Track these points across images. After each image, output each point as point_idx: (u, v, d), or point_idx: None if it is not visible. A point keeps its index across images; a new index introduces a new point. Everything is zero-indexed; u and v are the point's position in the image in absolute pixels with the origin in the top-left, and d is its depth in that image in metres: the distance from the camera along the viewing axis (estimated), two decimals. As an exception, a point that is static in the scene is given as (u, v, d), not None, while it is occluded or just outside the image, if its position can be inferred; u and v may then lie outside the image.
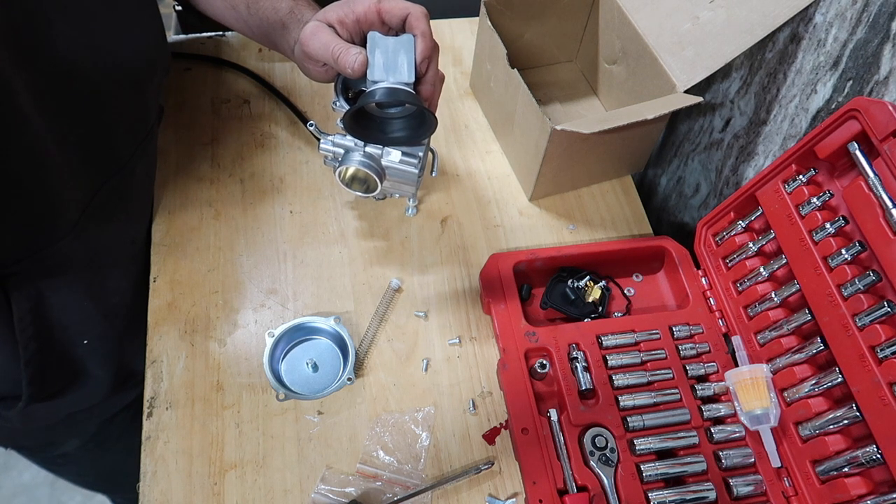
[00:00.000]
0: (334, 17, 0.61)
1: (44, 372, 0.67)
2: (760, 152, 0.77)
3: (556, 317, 0.79)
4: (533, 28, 0.95)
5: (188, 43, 0.98)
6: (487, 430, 0.70)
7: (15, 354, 0.64)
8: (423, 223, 0.85)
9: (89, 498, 1.58)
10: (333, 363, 0.72)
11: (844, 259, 0.59)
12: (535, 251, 0.79)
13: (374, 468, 0.67)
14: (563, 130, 0.73)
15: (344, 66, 0.60)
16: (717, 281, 0.76)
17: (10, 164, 0.52)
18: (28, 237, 0.59)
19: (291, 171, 0.87)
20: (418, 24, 0.60)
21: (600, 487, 0.65)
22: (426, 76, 0.61)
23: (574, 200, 0.90)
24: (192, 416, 0.68)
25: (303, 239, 0.82)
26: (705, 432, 0.69)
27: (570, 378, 0.70)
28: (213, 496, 0.64)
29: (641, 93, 0.86)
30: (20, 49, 0.49)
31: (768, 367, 0.68)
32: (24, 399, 0.67)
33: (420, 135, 0.64)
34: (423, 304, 0.78)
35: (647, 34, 0.82)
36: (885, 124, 0.54)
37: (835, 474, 0.61)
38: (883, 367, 0.55)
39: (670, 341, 0.74)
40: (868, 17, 0.60)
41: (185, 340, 0.73)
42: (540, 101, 0.80)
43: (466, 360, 0.75)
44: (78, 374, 0.72)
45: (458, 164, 0.91)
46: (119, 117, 0.64)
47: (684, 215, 0.95)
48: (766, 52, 0.74)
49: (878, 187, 0.55)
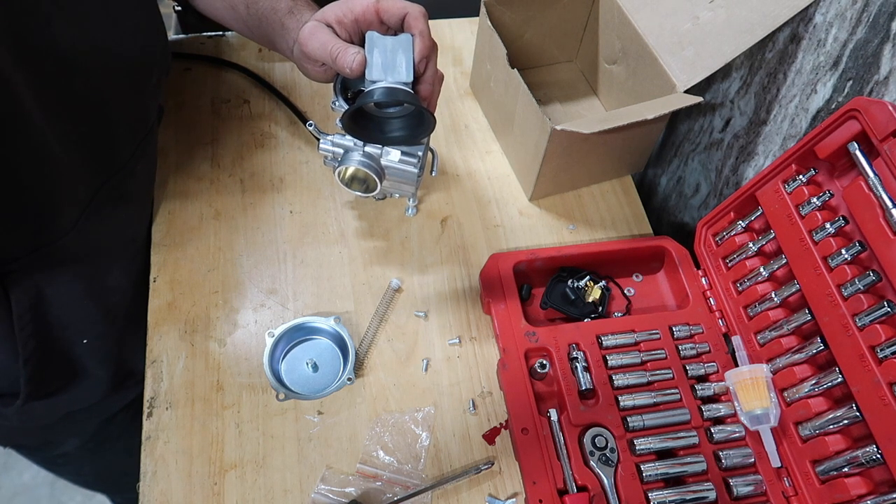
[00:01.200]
0: (333, 17, 0.61)
1: (42, 370, 0.67)
2: (760, 152, 0.77)
3: (556, 317, 0.79)
4: (533, 28, 0.95)
5: (188, 43, 0.98)
6: (487, 430, 0.70)
7: (14, 352, 0.64)
8: (423, 223, 0.85)
9: (89, 498, 1.58)
10: (333, 363, 0.72)
11: (844, 259, 0.59)
12: (535, 251, 0.79)
13: (374, 468, 0.67)
14: (563, 130, 0.73)
15: (342, 65, 0.60)
16: (717, 281, 0.76)
17: (12, 162, 0.52)
18: (29, 235, 0.59)
19: (291, 171, 0.87)
20: (417, 24, 0.60)
21: (600, 487, 0.65)
22: (425, 75, 0.61)
23: (574, 200, 0.90)
24: (192, 416, 0.68)
25: (303, 239, 0.82)
26: (705, 432, 0.69)
27: (570, 378, 0.70)
28: (213, 496, 0.64)
29: (641, 93, 0.86)
30: (20, 47, 0.49)
31: (768, 367, 0.68)
32: (22, 397, 0.67)
33: (419, 134, 0.64)
34: (423, 304, 0.78)
35: (647, 34, 0.82)
36: (885, 124, 0.54)
37: (835, 474, 0.61)
38: (883, 367, 0.55)
39: (670, 341, 0.74)
40: (868, 17, 0.60)
41: (185, 340, 0.73)
42: (540, 101, 0.80)
43: (466, 360, 0.75)
44: (77, 373, 0.72)
45: (458, 164, 0.91)
46: (119, 116, 0.64)
47: (684, 215, 0.95)
48: (766, 52, 0.74)
49: (878, 187, 0.55)
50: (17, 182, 0.54)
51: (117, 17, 0.60)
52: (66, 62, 0.54)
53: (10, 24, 0.48)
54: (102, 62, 0.58)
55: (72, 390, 0.73)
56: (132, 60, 0.63)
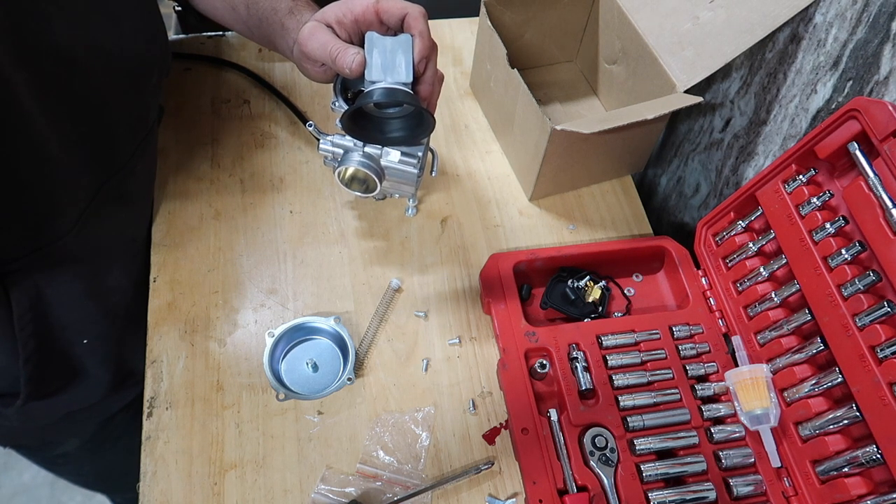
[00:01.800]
0: (332, 18, 0.61)
1: (42, 370, 0.67)
2: (760, 152, 0.77)
3: (556, 317, 0.79)
4: (533, 28, 0.95)
5: (188, 43, 0.98)
6: (487, 430, 0.70)
7: (14, 352, 0.64)
8: (423, 223, 0.85)
9: (89, 498, 1.58)
10: (333, 363, 0.72)
11: (844, 259, 0.59)
12: (535, 251, 0.79)
13: (374, 468, 0.67)
14: (563, 130, 0.73)
15: (342, 66, 0.60)
16: (717, 281, 0.76)
17: (13, 162, 0.52)
18: (29, 235, 0.59)
19: (291, 171, 0.87)
20: (416, 24, 0.60)
21: (600, 487, 0.65)
22: (424, 76, 0.61)
23: (574, 200, 0.90)
24: (192, 416, 0.68)
25: (303, 239, 0.82)
26: (705, 432, 0.69)
27: (570, 378, 0.70)
28: (213, 496, 0.64)
29: (641, 93, 0.86)
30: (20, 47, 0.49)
31: (768, 367, 0.68)
32: (22, 397, 0.67)
33: (418, 135, 0.64)
34: (423, 304, 0.78)
35: (647, 34, 0.82)
36: (885, 124, 0.54)
37: (835, 474, 0.61)
38: (883, 367, 0.55)
39: (670, 341, 0.74)
40: (868, 17, 0.60)
41: (185, 340, 0.73)
42: (540, 101, 0.80)
43: (466, 360, 0.75)
44: (77, 373, 0.72)
45: (458, 164, 0.91)
46: (119, 116, 0.64)
47: (684, 215, 0.95)
48: (766, 52, 0.74)
49: (878, 187, 0.55)
50: (17, 182, 0.54)
51: (118, 17, 0.60)
52: (66, 62, 0.54)
53: (10, 24, 0.48)
54: (102, 62, 0.58)
55: (72, 390, 0.73)
56: (132, 60, 0.63)
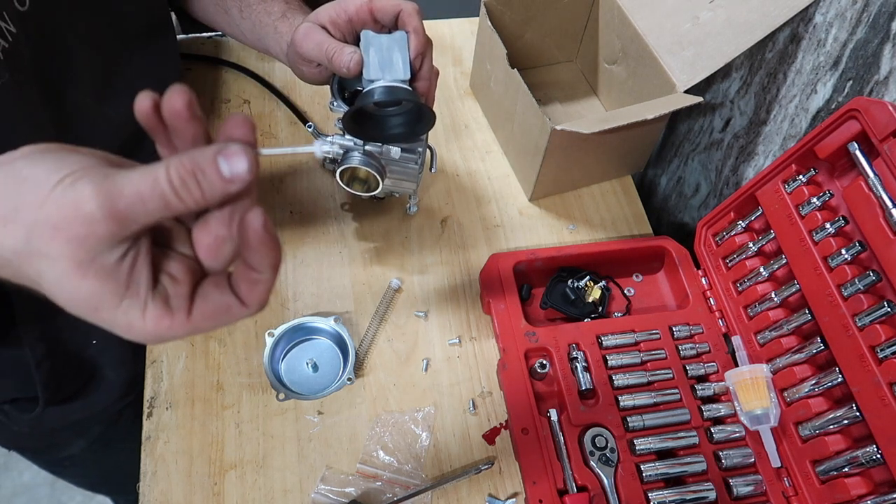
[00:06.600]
0: (326, 18, 0.61)
1: (57, 373, 0.66)
2: (760, 152, 0.77)
3: (556, 317, 0.79)
4: (533, 28, 0.95)
5: (188, 43, 0.98)
6: (487, 430, 0.70)
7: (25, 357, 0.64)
8: (423, 223, 0.85)
9: (89, 498, 1.58)
10: (333, 363, 0.72)
11: (844, 259, 0.59)
12: (535, 251, 0.79)
13: (374, 468, 0.67)
14: (563, 130, 0.73)
15: (339, 65, 0.59)
16: (717, 281, 0.76)
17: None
18: None
19: (291, 171, 0.87)
20: (410, 21, 0.60)
21: (600, 487, 0.65)
22: (421, 72, 0.61)
23: (574, 200, 0.90)
24: (192, 416, 0.68)
25: (303, 239, 0.82)
26: (705, 432, 0.69)
27: (570, 378, 0.70)
28: (213, 496, 0.64)
29: (641, 93, 0.86)
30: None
31: (768, 367, 0.68)
32: (41, 402, 0.67)
33: (419, 130, 0.64)
34: (423, 304, 0.78)
35: (647, 34, 0.82)
36: (885, 124, 0.54)
37: (835, 474, 0.61)
38: (883, 367, 0.55)
39: (670, 341, 0.74)
40: (868, 17, 0.60)
41: (185, 340, 0.73)
42: (540, 101, 0.79)
43: (466, 360, 0.75)
44: (93, 375, 0.72)
45: (458, 164, 0.91)
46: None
47: (684, 215, 0.95)
48: (766, 52, 0.74)
49: (878, 187, 0.55)
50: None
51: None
52: (87, 121, 0.55)
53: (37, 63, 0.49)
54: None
55: (90, 394, 0.73)
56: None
